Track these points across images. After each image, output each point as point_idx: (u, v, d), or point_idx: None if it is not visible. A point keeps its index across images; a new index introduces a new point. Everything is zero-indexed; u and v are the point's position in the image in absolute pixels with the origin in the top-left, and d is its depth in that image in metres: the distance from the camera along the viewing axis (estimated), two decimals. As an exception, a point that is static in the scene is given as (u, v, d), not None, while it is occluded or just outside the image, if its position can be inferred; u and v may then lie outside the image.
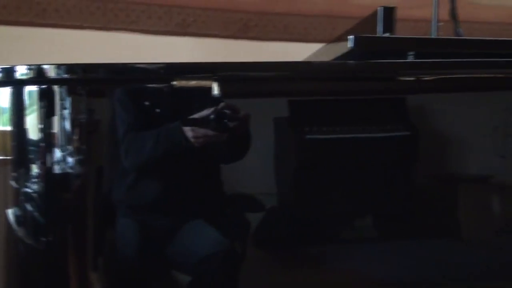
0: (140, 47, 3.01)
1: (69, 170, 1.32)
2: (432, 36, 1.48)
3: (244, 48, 3.16)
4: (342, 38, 1.60)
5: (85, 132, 1.34)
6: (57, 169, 1.32)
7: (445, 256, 1.49)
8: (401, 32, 3.38)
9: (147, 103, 1.38)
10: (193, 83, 1.33)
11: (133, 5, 3.05)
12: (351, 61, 1.35)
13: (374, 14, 1.43)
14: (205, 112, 1.34)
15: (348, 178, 1.47)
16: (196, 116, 1.35)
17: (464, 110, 1.49)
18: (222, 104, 1.34)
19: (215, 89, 1.31)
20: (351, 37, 1.31)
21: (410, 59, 1.39)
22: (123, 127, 1.38)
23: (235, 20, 3.25)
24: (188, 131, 1.35)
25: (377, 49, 1.34)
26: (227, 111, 1.34)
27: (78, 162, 1.32)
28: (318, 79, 1.40)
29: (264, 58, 1.47)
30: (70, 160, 1.32)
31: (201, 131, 1.35)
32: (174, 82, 1.32)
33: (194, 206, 1.43)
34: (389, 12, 1.35)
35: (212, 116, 1.33)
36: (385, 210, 1.50)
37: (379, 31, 1.36)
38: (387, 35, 1.33)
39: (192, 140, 1.35)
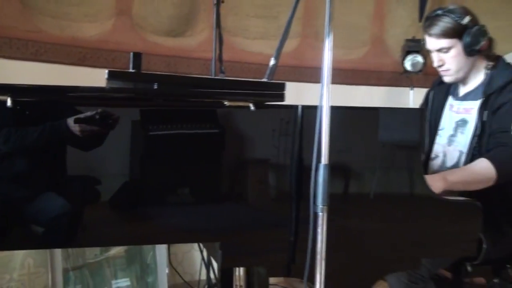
0: (3, 69, 2.91)
1: None
2: (167, 73, 1.51)
3: (82, 72, 3.13)
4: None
5: None
6: None
7: (237, 215, 1.54)
8: (196, 67, 3.46)
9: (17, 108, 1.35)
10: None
11: (-4, 38, 2.95)
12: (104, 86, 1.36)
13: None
14: (89, 114, 1.38)
15: (177, 161, 1.49)
16: (82, 116, 1.38)
17: (255, 118, 1.53)
18: (100, 109, 1.38)
19: (8, 102, 1.30)
20: (107, 70, 1.34)
21: (155, 87, 1.42)
22: None
23: (76, 52, 3.20)
24: (76, 127, 1.37)
25: (124, 80, 1.35)
26: (106, 114, 1.38)
27: None
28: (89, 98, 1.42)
29: (96, 81, 1.46)
30: None
31: (88, 127, 1.38)
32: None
33: (50, 181, 1.43)
34: (137, 56, 1.36)
35: (97, 117, 1.37)
36: (200, 183, 1.53)
37: (131, 68, 1.38)
38: (132, 71, 1.34)
39: (78, 134, 1.38)
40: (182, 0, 3.41)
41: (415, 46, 3.73)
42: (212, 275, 2.88)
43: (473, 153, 2.08)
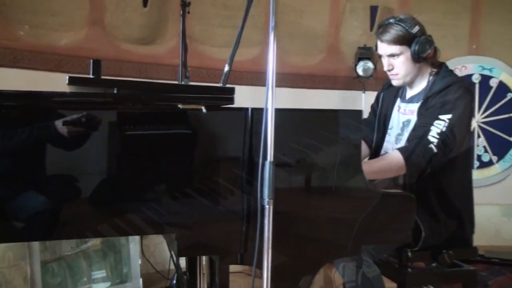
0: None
1: None
2: (118, 78, 1.49)
3: (58, 78, 3.09)
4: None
5: None
6: None
7: (193, 208, 1.51)
8: (165, 73, 3.45)
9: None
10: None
11: (-24, 46, 2.91)
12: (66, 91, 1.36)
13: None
14: (75, 117, 1.36)
15: (152, 159, 1.48)
16: (69, 119, 1.36)
17: (221, 120, 1.55)
18: (85, 112, 1.37)
19: None
20: (67, 76, 1.33)
21: (115, 91, 1.42)
22: None
23: (51, 59, 3.17)
24: (63, 128, 1.36)
25: (84, 85, 1.34)
26: (90, 116, 1.37)
27: None
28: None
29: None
30: None
31: (75, 129, 1.36)
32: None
33: (33, 179, 1.41)
34: (96, 63, 1.36)
35: (83, 119, 1.36)
36: (173, 179, 1.51)
37: (91, 74, 1.38)
38: (91, 76, 1.34)
39: (66, 135, 1.36)
40: (151, 10, 3.40)
41: (367, 53, 3.78)
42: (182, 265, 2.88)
43: None
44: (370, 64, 3.77)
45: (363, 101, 3.83)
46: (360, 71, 3.78)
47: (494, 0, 4.24)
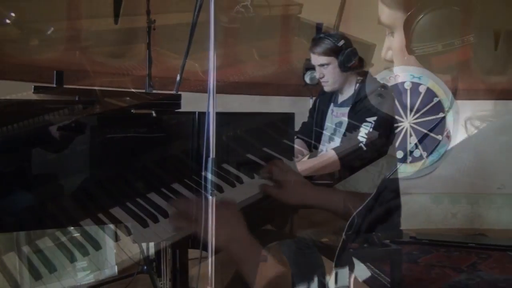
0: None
1: None
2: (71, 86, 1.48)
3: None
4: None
5: None
6: None
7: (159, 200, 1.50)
8: (135, 83, 3.43)
9: None
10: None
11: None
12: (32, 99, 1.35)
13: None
14: (67, 123, 1.35)
15: (132, 158, 1.47)
16: (61, 124, 1.34)
17: (175, 122, 1.54)
18: (74, 118, 1.36)
19: None
20: (33, 85, 1.33)
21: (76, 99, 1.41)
22: None
23: (34, 71, 3.14)
24: (56, 133, 1.34)
25: (47, 93, 1.34)
26: (78, 121, 1.36)
27: None
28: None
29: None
30: None
31: (66, 133, 1.34)
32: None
33: (20, 181, 1.37)
34: (59, 74, 1.36)
35: (73, 125, 1.35)
36: (150, 174, 1.50)
37: (54, 83, 1.37)
38: (54, 85, 1.34)
39: (58, 138, 1.34)
40: (122, 27, 3.40)
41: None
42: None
43: None
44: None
45: (311, 106, 3.89)
46: (307, 79, 3.82)
47: (423, 20, 4.36)
